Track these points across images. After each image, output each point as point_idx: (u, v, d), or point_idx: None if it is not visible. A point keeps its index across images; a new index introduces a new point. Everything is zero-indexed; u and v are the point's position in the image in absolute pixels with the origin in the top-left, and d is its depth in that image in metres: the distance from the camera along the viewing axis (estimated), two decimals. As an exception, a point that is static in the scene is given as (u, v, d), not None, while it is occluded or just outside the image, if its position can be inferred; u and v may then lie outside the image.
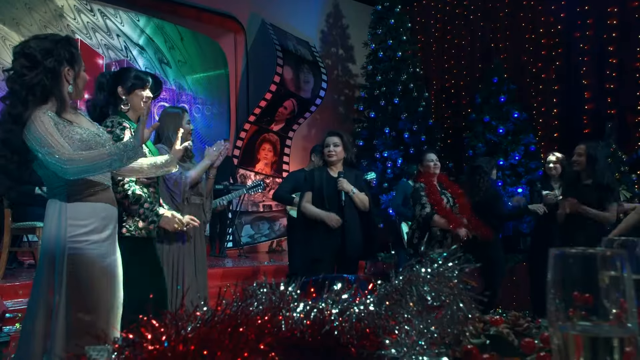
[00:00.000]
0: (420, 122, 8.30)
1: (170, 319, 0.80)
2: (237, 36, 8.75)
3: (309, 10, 9.34)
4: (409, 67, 8.42)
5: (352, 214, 3.39)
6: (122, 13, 7.70)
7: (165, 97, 7.81)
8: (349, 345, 0.88)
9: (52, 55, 1.77)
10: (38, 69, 1.74)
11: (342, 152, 3.44)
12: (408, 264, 0.90)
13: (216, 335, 0.75)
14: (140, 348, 0.75)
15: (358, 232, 3.38)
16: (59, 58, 1.79)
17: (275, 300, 0.88)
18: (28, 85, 1.73)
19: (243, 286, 0.91)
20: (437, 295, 0.85)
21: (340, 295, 0.93)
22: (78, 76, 1.86)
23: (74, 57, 1.84)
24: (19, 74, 1.75)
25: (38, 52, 1.76)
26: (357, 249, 3.38)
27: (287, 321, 0.87)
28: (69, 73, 1.84)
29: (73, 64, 1.84)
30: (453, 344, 0.85)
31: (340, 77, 9.82)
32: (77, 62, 1.86)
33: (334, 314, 0.89)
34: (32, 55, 1.75)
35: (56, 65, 1.78)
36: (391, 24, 8.44)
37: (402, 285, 0.89)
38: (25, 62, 1.75)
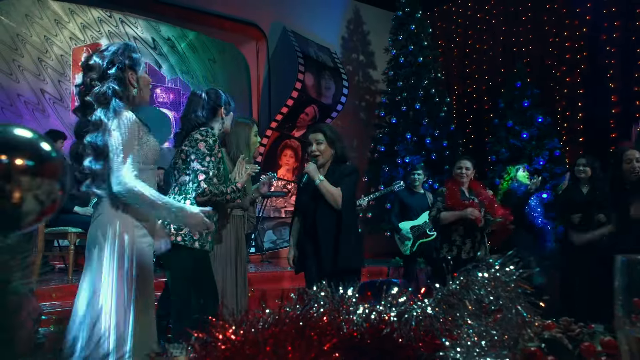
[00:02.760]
0: (442, 128, 8.28)
1: (239, 320, 0.83)
2: (259, 44, 8.87)
3: (329, 17, 9.41)
4: (430, 73, 8.42)
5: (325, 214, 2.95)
6: (141, 21, 7.84)
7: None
8: (408, 347, 0.90)
9: (115, 63, 1.88)
10: (105, 79, 1.85)
11: (328, 149, 3.05)
12: (465, 268, 0.92)
13: (284, 337, 0.78)
14: (213, 347, 0.78)
15: (330, 238, 2.93)
16: (121, 65, 1.89)
17: (335, 303, 0.91)
18: (98, 96, 1.83)
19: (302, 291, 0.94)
20: (495, 298, 0.87)
21: (397, 298, 0.95)
22: (140, 78, 1.97)
23: (135, 61, 1.95)
24: (88, 86, 1.86)
25: (102, 63, 1.87)
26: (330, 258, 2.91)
27: (347, 323, 0.89)
28: (132, 77, 1.93)
29: (135, 68, 1.94)
30: (511, 347, 0.86)
31: (361, 83, 9.86)
32: (138, 65, 1.96)
33: (393, 316, 0.92)
34: (97, 67, 1.87)
35: (120, 73, 1.88)
36: (412, 30, 8.46)
37: (459, 289, 0.91)
38: (93, 74, 1.86)
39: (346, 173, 3.01)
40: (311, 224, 2.99)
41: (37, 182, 0.43)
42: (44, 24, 6.86)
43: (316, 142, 3.06)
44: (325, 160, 3.06)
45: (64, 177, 0.46)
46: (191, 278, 2.46)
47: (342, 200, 2.92)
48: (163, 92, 7.92)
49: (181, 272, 2.48)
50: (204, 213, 1.93)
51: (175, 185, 2.53)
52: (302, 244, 3.06)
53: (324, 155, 3.05)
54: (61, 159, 0.45)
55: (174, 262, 2.41)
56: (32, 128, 0.46)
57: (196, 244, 2.46)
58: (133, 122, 1.84)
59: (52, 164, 0.44)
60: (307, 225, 3.03)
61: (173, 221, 1.96)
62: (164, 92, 7.93)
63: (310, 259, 2.96)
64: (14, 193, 0.42)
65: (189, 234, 2.44)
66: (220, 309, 3.03)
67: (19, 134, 0.45)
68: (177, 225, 2.17)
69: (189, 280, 2.46)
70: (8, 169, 0.42)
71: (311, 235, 2.98)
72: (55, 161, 0.44)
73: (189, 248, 2.44)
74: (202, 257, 2.53)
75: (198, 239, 2.46)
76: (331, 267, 2.86)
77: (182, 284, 2.48)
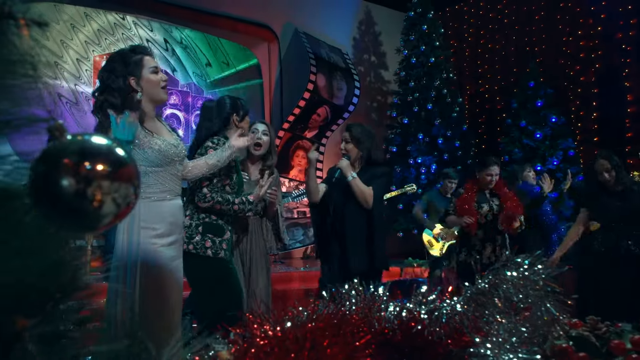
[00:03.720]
0: (454, 128, 8.26)
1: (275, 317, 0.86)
2: (271, 45, 8.92)
3: (341, 18, 9.44)
4: (442, 73, 8.41)
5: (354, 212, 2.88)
6: (154, 24, 7.91)
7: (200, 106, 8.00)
8: (438, 343, 0.93)
9: (113, 72, 1.89)
10: (106, 90, 1.88)
11: (354, 149, 2.95)
12: (493, 267, 0.95)
13: (320, 333, 0.81)
14: (252, 342, 0.81)
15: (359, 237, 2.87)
16: (118, 73, 1.89)
17: (367, 301, 0.94)
18: (100, 106, 1.88)
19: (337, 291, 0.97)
20: (524, 297, 0.89)
21: (426, 296, 0.98)
22: (142, 80, 1.93)
23: (133, 65, 1.92)
24: (94, 97, 1.92)
25: (103, 74, 1.91)
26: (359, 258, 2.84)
27: (379, 321, 0.92)
28: (133, 81, 1.92)
29: (135, 72, 1.92)
30: (541, 344, 0.88)
31: (373, 83, 9.87)
32: (139, 67, 1.93)
33: (423, 314, 0.94)
34: (99, 79, 1.92)
35: (118, 82, 1.88)
36: (424, 30, 8.46)
37: (488, 288, 0.94)
38: (96, 88, 1.93)
39: (378, 174, 2.95)
40: (340, 221, 2.92)
41: (115, 186, 0.46)
42: (59, 28, 6.97)
43: (345, 140, 3.01)
44: (352, 160, 2.96)
45: (138, 181, 0.50)
46: (206, 286, 2.44)
47: (373, 200, 2.86)
48: (175, 95, 8.00)
49: (195, 280, 2.47)
50: None
51: (188, 193, 2.54)
52: (325, 241, 2.99)
53: (350, 154, 2.95)
54: (135, 164, 0.49)
55: (187, 271, 2.41)
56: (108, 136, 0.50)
57: (209, 252, 2.43)
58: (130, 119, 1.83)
59: (128, 169, 0.47)
60: (334, 222, 2.95)
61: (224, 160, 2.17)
62: (176, 95, 8.01)
63: (334, 257, 2.90)
64: (95, 196, 0.45)
65: (201, 242, 2.42)
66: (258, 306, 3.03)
67: (97, 141, 0.48)
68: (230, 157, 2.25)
69: (205, 288, 2.45)
70: (90, 174, 0.46)
71: (337, 233, 2.91)
72: (130, 166, 0.48)
73: (201, 256, 2.42)
74: (217, 265, 2.47)
75: (210, 246, 2.43)
76: (360, 267, 2.76)
77: (197, 292, 2.49)
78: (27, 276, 0.43)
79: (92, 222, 0.46)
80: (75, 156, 0.46)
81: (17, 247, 0.44)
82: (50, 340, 0.42)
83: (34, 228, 0.46)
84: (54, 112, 0.53)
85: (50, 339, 0.42)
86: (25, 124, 0.49)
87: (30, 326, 0.41)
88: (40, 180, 0.46)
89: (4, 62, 0.45)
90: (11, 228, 0.45)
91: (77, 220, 0.47)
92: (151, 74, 1.95)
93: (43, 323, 0.42)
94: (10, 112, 0.47)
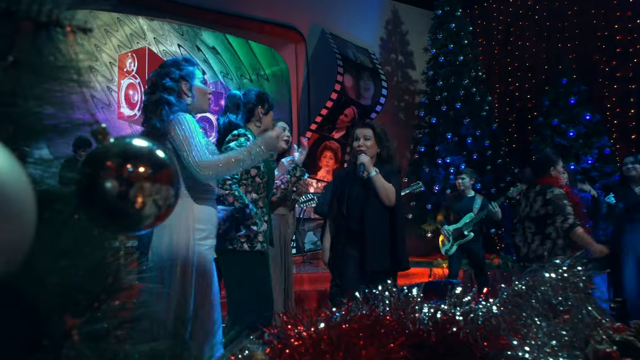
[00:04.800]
0: (484, 127, 8.14)
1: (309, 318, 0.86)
2: (298, 46, 8.97)
3: (368, 18, 9.41)
4: (471, 72, 8.29)
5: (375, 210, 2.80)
6: (184, 28, 8.02)
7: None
8: (474, 345, 0.91)
9: (168, 75, 2.02)
10: (160, 91, 1.99)
11: (374, 147, 2.91)
12: (530, 268, 0.92)
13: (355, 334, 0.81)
14: (287, 343, 0.82)
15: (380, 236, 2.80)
16: (174, 76, 2.03)
17: (401, 302, 0.93)
18: (149, 105, 1.98)
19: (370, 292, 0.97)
20: (563, 299, 0.87)
21: (461, 298, 0.96)
22: (193, 88, 2.07)
23: (188, 72, 2.07)
24: (146, 97, 2.04)
25: (156, 76, 2.04)
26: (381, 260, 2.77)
27: (413, 322, 0.91)
28: (185, 86, 2.04)
29: (187, 78, 2.06)
30: (583, 348, 0.86)
31: (400, 83, 9.80)
32: (191, 77, 2.07)
33: (458, 315, 0.93)
34: (150, 80, 2.05)
35: (172, 83, 2.01)
36: (451, 28, 8.36)
37: (525, 289, 0.91)
38: (148, 89, 2.05)
39: (394, 171, 2.91)
40: (358, 221, 2.83)
41: (156, 188, 0.47)
42: (94, 33, 7.16)
43: (364, 138, 2.91)
44: (371, 157, 2.90)
45: (178, 183, 0.51)
46: (243, 281, 2.44)
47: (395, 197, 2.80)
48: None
49: (232, 276, 2.48)
50: None
51: None
52: (340, 243, 2.89)
53: (369, 152, 2.89)
54: (175, 166, 0.50)
55: (224, 266, 2.43)
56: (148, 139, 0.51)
57: (245, 246, 2.42)
58: (191, 118, 1.94)
59: (168, 171, 0.49)
60: (349, 223, 2.86)
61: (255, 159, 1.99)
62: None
63: (351, 257, 2.81)
64: (137, 198, 0.47)
65: (237, 238, 2.43)
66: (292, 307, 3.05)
67: (139, 144, 0.49)
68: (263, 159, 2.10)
69: (241, 283, 2.44)
70: (132, 177, 0.47)
71: (355, 234, 2.81)
72: (171, 169, 0.49)
73: (237, 251, 2.42)
74: (254, 259, 2.47)
75: (246, 241, 2.43)
76: (381, 268, 2.72)
77: (234, 287, 2.49)
78: (74, 276, 0.44)
79: (135, 223, 0.47)
80: (118, 159, 0.47)
81: (63, 248, 0.46)
82: (97, 339, 0.43)
83: (79, 229, 0.48)
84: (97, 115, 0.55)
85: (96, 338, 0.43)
86: (70, 128, 0.51)
87: (78, 325, 0.42)
88: (84, 182, 0.48)
89: (51, 68, 0.47)
90: (57, 229, 0.47)
91: (120, 221, 0.48)
92: (201, 83, 2.10)
93: (90, 322, 0.43)
94: (56, 116, 0.49)
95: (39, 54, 0.44)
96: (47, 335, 0.43)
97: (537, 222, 3.64)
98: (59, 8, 0.44)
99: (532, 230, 3.67)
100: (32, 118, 0.44)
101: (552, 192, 3.65)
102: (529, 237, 3.69)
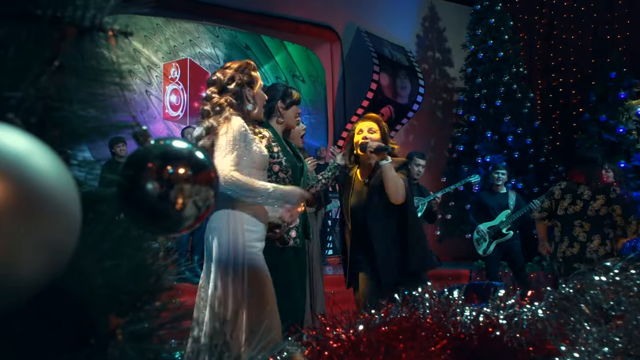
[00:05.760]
0: (525, 125, 7.89)
1: (347, 320, 0.85)
2: (333, 45, 8.94)
3: (404, 16, 9.29)
4: (512, 67, 8.05)
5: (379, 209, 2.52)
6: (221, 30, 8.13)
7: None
8: (518, 350, 0.88)
9: (234, 79, 2.07)
10: (224, 92, 2.05)
11: (379, 141, 2.63)
12: (579, 271, 0.88)
13: (395, 337, 0.80)
14: (326, 344, 0.81)
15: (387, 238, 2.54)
16: (240, 81, 2.08)
17: (442, 305, 0.91)
18: (216, 105, 2.03)
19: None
20: (615, 303, 0.82)
21: (504, 301, 0.93)
22: (257, 95, 2.14)
23: (253, 79, 2.12)
24: (209, 98, 2.06)
25: (223, 78, 2.08)
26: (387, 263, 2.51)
27: (454, 325, 0.89)
28: (249, 93, 2.11)
29: (252, 85, 2.12)
30: (638, 356, 0.81)
31: (438, 81, 9.64)
32: (255, 83, 2.13)
33: (501, 319, 0.90)
34: (218, 81, 2.08)
35: (238, 88, 2.07)
36: (491, 23, 8.14)
37: (573, 293, 0.87)
38: (213, 88, 2.07)
39: (404, 165, 2.62)
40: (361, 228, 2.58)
41: (196, 189, 0.48)
42: (133, 38, 7.37)
43: (369, 131, 2.64)
44: None
45: (217, 184, 0.51)
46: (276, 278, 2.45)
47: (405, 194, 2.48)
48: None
49: None
50: None
51: None
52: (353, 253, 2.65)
53: None
54: (214, 168, 0.50)
55: None
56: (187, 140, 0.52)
57: (276, 243, 2.38)
58: (241, 126, 1.97)
59: (208, 172, 0.49)
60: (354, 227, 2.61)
61: (274, 202, 1.97)
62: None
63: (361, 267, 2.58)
64: (177, 199, 0.47)
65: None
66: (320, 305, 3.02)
67: (178, 145, 0.50)
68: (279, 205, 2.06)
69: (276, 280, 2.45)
70: (172, 178, 0.47)
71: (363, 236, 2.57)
72: (210, 169, 0.49)
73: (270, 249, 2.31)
74: (286, 255, 2.43)
75: (278, 237, 2.39)
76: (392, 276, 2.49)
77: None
78: (117, 277, 0.45)
79: (175, 224, 0.48)
80: (159, 160, 0.48)
81: (106, 249, 0.47)
82: (139, 338, 0.44)
83: (121, 231, 0.49)
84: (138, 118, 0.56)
85: (139, 337, 0.44)
86: (112, 131, 0.52)
87: (122, 325, 0.43)
88: (127, 184, 0.49)
89: (94, 72, 0.48)
90: (101, 231, 0.48)
91: (160, 222, 0.48)
92: (261, 90, 2.17)
93: (133, 322, 0.44)
94: (99, 119, 0.50)
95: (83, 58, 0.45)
96: (94, 333, 0.44)
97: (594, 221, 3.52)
98: (101, 13, 0.44)
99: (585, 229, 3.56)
100: (76, 121, 0.45)
101: (614, 190, 3.58)
102: (583, 237, 3.56)
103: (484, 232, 5.12)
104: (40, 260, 0.40)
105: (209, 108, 2.02)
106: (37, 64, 0.44)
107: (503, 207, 5.10)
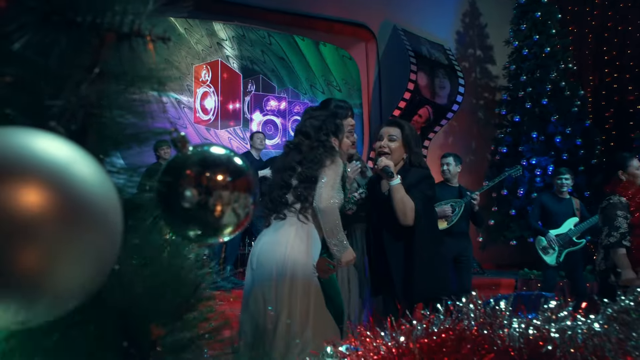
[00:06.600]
0: (575, 124, 7.55)
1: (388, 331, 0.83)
2: (369, 45, 8.82)
3: (442, 12, 9.08)
4: (560, 64, 7.73)
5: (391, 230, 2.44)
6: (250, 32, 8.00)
7: (299, 111, 8.08)
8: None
9: (322, 130, 2.25)
10: (312, 142, 2.24)
11: (400, 149, 2.47)
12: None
13: (438, 349, 0.76)
14: (365, 356, 0.79)
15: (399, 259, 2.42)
16: (327, 131, 2.26)
17: (488, 316, 0.87)
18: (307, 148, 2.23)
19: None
20: (683, 320, 0.76)
21: (556, 313, 0.88)
22: (342, 143, 2.35)
23: (338, 128, 2.31)
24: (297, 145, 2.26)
25: (310, 129, 2.26)
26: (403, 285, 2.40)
27: (502, 338, 0.84)
28: (335, 142, 2.28)
29: (337, 134, 2.30)
30: None
31: (479, 79, 9.38)
32: (341, 132, 2.32)
33: (553, 332, 0.85)
34: (307, 132, 2.26)
35: (325, 138, 2.24)
36: (537, 17, 7.84)
37: (634, 306, 0.81)
38: (302, 137, 2.26)
39: (414, 182, 2.43)
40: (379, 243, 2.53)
41: (235, 196, 0.47)
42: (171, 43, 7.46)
43: (388, 138, 2.48)
44: (394, 163, 2.46)
45: (256, 191, 0.50)
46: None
47: (415, 216, 2.35)
48: (273, 100, 8.17)
49: None
50: None
51: None
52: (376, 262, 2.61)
53: (394, 155, 2.47)
54: (252, 174, 0.49)
55: None
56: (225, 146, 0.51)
57: None
58: (340, 167, 2.20)
59: (246, 178, 0.48)
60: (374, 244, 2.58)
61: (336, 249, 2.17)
62: (274, 100, 8.18)
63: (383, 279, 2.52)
64: (216, 207, 0.46)
65: None
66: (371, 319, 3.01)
67: (216, 152, 0.49)
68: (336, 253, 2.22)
69: None
70: (211, 185, 0.47)
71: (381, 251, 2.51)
72: (249, 176, 0.48)
73: None
74: None
75: None
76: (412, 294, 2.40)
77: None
78: (157, 286, 0.44)
79: (215, 232, 0.47)
80: (197, 167, 0.47)
81: (146, 257, 0.46)
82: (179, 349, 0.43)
83: (161, 238, 0.48)
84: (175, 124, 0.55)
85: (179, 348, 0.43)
86: (151, 137, 0.51)
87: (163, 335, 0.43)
88: (165, 190, 0.48)
89: (132, 78, 0.48)
90: (141, 238, 0.47)
91: (199, 230, 0.48)
92: (348, 134, 2.41)
93: (173, 332, 0.43)
94: (137, 125, 0.50)
95: (122, 65, 0.45)
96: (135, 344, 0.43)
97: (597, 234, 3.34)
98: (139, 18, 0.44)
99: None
100: (115, 128, 0.45)
101: (608, 200, 3.24)
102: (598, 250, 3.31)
103: (553, 241, 4.86)
104: (84, 269, 0.40)
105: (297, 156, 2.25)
106: (78, 71, 0.44)
107: (569, 214, 4.87)
